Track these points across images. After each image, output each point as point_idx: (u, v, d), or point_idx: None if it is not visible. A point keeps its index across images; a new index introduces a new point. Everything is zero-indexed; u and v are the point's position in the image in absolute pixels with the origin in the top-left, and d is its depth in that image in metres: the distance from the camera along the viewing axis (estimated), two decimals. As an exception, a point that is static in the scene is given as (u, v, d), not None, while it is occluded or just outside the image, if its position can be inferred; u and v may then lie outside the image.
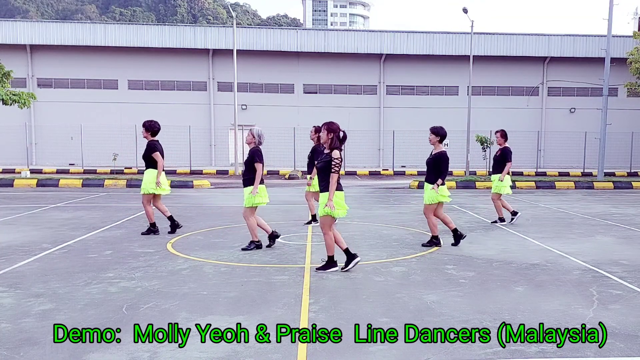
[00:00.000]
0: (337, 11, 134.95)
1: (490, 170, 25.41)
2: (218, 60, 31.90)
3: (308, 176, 9.90)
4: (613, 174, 26.12)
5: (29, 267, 6.43)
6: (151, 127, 8.67)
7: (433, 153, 7.88)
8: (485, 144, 23.50)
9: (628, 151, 30.39)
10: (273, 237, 7.86)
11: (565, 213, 12.16)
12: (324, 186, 6.25)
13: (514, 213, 10.48)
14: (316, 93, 32.89)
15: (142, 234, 8.86)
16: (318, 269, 6.35)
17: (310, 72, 32.62)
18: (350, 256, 6.36)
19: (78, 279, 5.88)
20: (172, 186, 18.65)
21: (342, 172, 9.36)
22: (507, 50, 32.26)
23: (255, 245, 7.64)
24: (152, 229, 8.87)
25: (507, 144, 10.35)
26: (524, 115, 33.05)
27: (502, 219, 10.42)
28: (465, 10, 25.82)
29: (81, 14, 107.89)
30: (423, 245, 7.96)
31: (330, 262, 6.35)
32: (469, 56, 27.37)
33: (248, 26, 45.10)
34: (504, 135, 10.33)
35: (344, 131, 6.31)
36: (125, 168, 26.28)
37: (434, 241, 7.93)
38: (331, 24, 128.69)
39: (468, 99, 27.07)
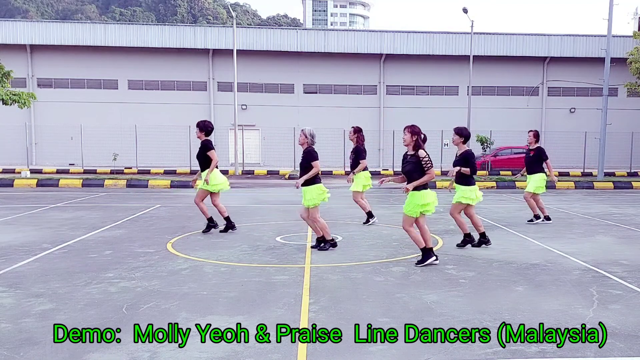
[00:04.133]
0: (337, 11, 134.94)
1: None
2: (218, 60, 31.89)
3: (351, 174, 10.46)
4: (613, 174, 26.09)
5: (29, 267, 6.43)
6: (205, 127, 8.84)
7: (459, 154, 7.86)
8: (485, 144, 23.50)
9: (628, 151, 30.35)
10: (211, 225, 8.87)
11: (565, 213, 12.16)
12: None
13: (548, 218, 10.48)
14: (316, 93, 32.88)
15: (203, 232, 8.93)
16: (417, 263, 6.60)
17: (310, 72, 32.60)
18: (428, 253, 6.64)
19: (78, 279, 5.88)
20: (172, 186, 18.69)
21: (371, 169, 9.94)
22: (507, 50, 32.22)
23: (331, 244, 7.56)
24: (211, 224, 8.98)
25: (539, 144, 10.40)
26: (524, 115, 33.02)
27: (537, 217, 10.44)
28: (465, 10, 25.83)
29: (81, 14, 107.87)
30: (458, 246, 7.89)
31: (425, 254, 6.60)
32: (469, 56, 27.37)
33: (248, 26, 45.08)
34: (536, 135, 10.40)
35: (424, 134, 6.61)
36: (125, 168, 26.23)
37: (482, 240, 7.89)
38: (331, 24, 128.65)
39: (468, 99, 27.09)
